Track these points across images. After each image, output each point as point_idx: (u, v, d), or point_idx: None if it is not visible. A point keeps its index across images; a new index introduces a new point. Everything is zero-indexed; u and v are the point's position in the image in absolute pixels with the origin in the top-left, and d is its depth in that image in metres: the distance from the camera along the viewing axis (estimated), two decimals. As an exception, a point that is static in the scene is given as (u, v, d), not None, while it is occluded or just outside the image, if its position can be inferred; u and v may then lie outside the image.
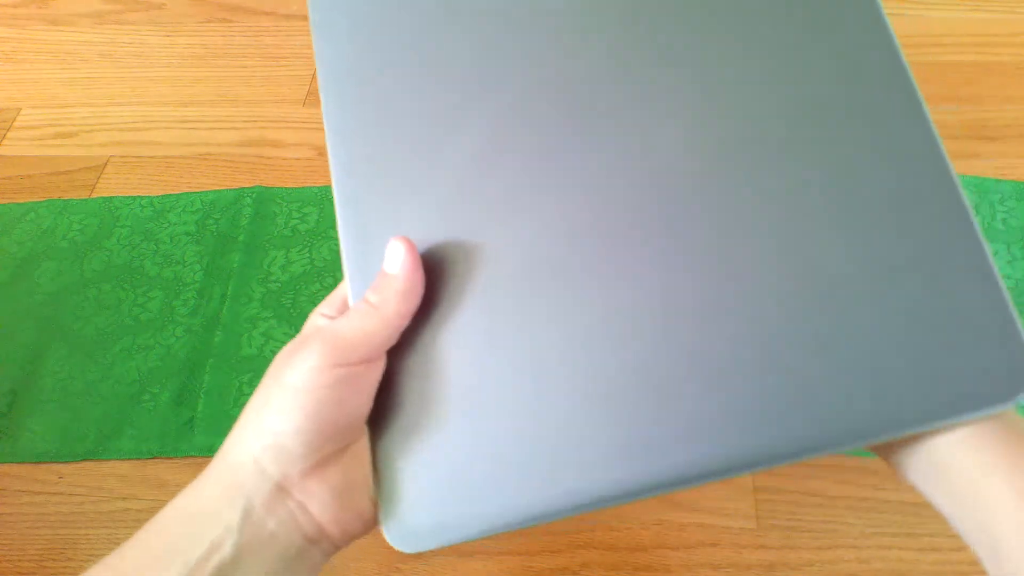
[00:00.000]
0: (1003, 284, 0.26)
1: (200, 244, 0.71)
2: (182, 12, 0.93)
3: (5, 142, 0.82)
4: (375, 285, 0.25)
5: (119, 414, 0.61)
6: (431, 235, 0.26)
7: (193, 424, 0.60)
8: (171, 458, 0.59)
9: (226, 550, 0.23)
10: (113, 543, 0.55)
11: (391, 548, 0.54)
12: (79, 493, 0.57)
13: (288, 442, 0.24)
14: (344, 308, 0.28)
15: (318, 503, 0.25)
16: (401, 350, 0.26)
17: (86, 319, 0.67)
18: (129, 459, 0.59)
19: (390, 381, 0.26)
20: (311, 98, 0.83)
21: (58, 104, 0.85)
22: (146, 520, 0.56)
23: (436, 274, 0.26)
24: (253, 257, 0.69)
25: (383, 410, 0.26)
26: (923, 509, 0.53)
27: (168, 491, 0.57)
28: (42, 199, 0.76)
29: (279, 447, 0.24)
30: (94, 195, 0.76)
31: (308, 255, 0.69)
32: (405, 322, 0.26)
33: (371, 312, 0.25)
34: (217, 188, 0.75)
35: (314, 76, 0.85)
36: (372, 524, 0.27)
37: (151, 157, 0.79)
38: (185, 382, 0.62)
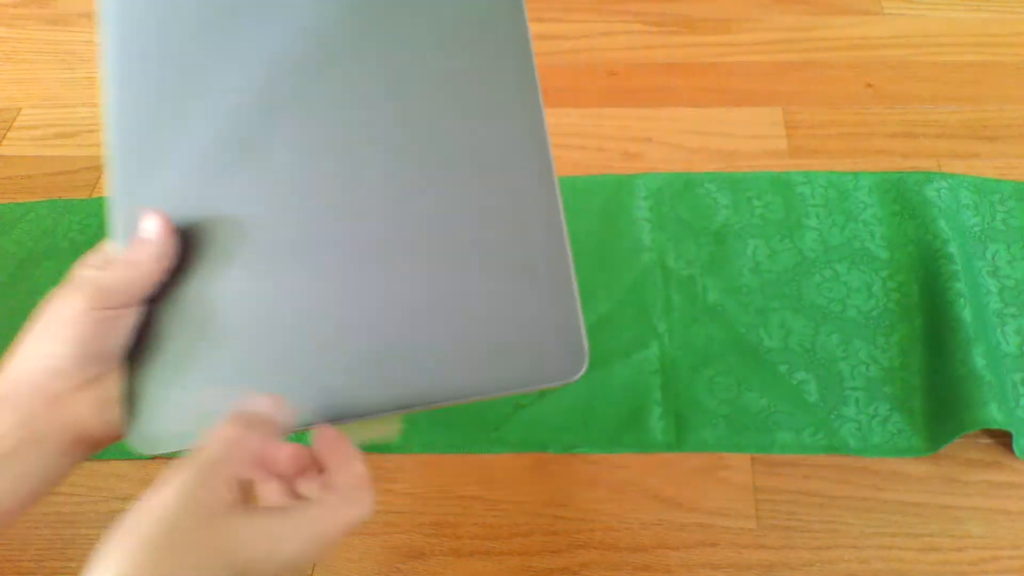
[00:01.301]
0: (575, 284, 0.31)
1: (200, 244, 0.71)
2: (182, 12, 0.93)
3: (5, 142, 0.82)
4: (133, 246, 0.32)
5: (119, 414, 0.61)
6: (187, 202, 0.33)
7: (193, 424, 0.60)
8: (170, 458, 0.59)
9: (6, 444, 0.29)
10: (113, 543, 0.55)
11: (392, 549, 0.54)
12: (79, 493, 0.57)
13: (60, 364, 0.30)
14: (108, 263, 0.33)
15: (85, 412, 0.31)
16: (159, 298, 0.32)
17: (86, 319, 0.67)
18: (129, 459, 0.59)
19: (149, 322, 0.32)
20: (311, 98, 0.83)
21: (58, 104, 0.85)
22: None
23: (189, 238, 0.32)
24: (253, 257, 0.69)
25: (140, 344, 0.32)
26: (923, 509, 0.53)
27: (168, 491, 0.57)
28: (42, 199, 0.76)
29: (54, 368, 0.30)
30: (94, 195, 0.76)
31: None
32: (159, 278, 0.31)
33: (129, 268, 0.31)
34: (217, 188, 0.75)
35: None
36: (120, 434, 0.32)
37: (151, 157, 0.79)
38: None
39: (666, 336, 0.61)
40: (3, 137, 0.82)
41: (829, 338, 0.60)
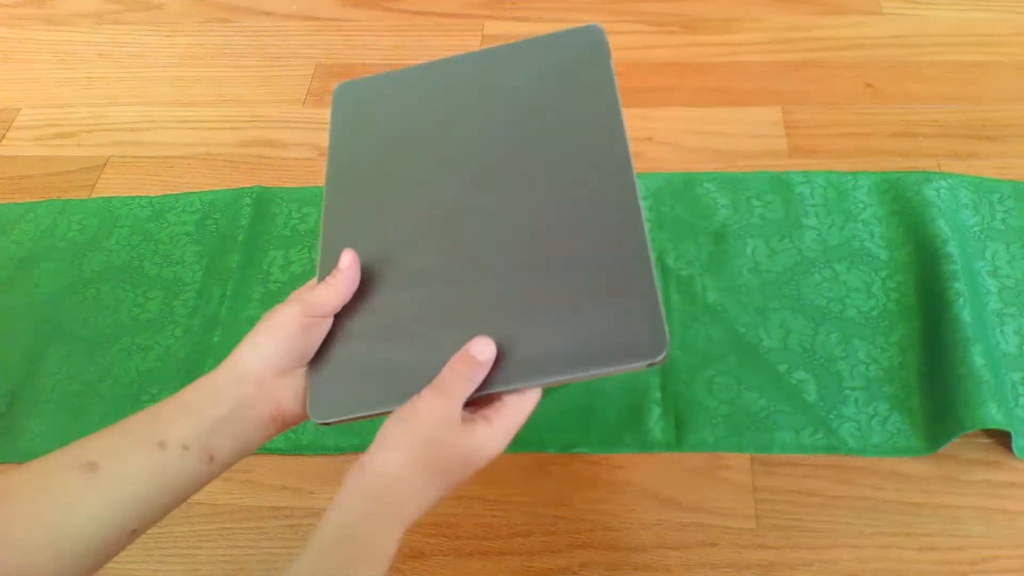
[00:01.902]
0: (656, 283, 0.37)
1: (200, 244, 0.71)
2: (182, 12, 0.93)
3: (5, 142, 0.82)
4: (332, 274, 0.41)
5: (118, 414, 0.60)
6: (369, 251, 0.43)
7: (193, 424, 0.60)
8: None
9: (224, 411, 0.38)
10: (113, 543, 0.55)
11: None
12: (79, 493, 0.57)
13: (271, 356, 0.39)
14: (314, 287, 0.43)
15: (285, 394, 0.40)
16: (342, 312, 0.42)
17: (85, 319, 0.67)
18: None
19: (333, 328, 0.42)
20: (311, 98, 0.83)
21: (58, 104, 0.85)
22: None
23: (367, 273, 0.43)
24: (253, 257, 0.69)
25: (326, 342, 0.41)
26: (922, 509, 0.53)
27: (168, 491, 0.57)
28: (42, 199, 0.76)
29: (265, 358, 0.39)
30: (93, 195, 0.76)
31: (308, 255, 0.69)
32: (347, 299, 0.41)
33: (328, 290, 0.41)
34: (217, 188, 0.75)
35: (314, 76, 0.85)
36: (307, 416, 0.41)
37: (151, 157, 0.79)
38: (184, 382, 0.61)
39: (666, 336, 0.61)
40: (3, 137, 0.82)
41: (828, 338, 0.60)
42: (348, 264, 0.41)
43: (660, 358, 0.36)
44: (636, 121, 0.76)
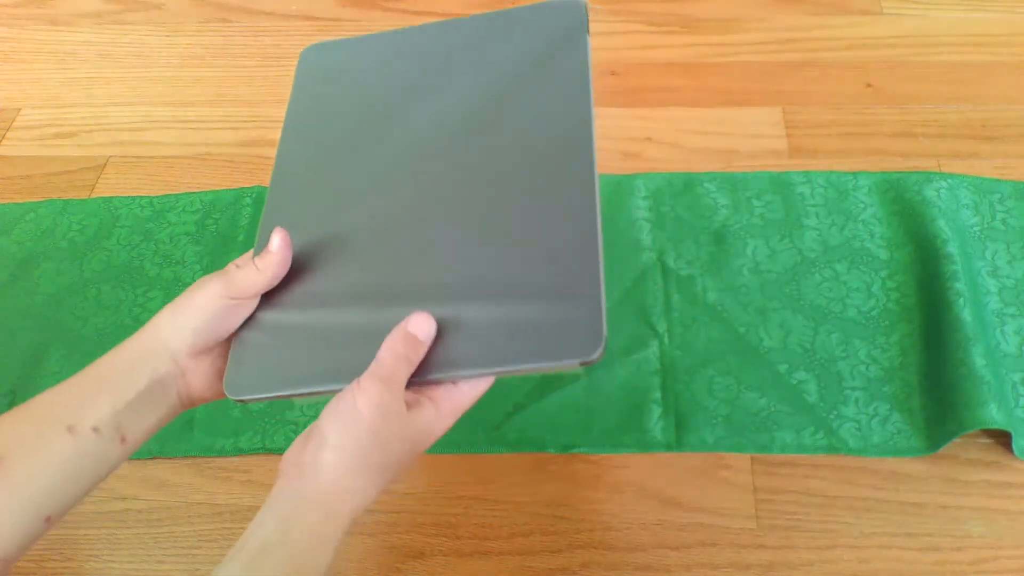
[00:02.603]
0: (601, 273, 0.37)
1: (200, 244, 0.71)
2: (182, 12, 0.93)
3: (5, 142, 0.82)
4: (261, 256, 0.39)
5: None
6: (305, 231, 0.42)
7: (193, 424, 0.60)
8: (171, 458, 0.59)
9: (137, 388, 0.37)
10: (113, 543, 0.55)
11: (392, 549, 0.54)
12: (79, 493, 0.57)
13: (187, 334, 0.38)
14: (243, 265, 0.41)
15: (193, 374, 0.39)
16: (272, 292, 0.41)
17: (86, 319, 0.67)
18: (129, 459, 0.58)
19: (262, 300, 0.40)
20: (311, 98, 0.83)
21: (58, 104, 0.85)
22: (146, 520, 0.56)
23: (306, 247, 0.42)
24: (253, 257, 0.69)
25: (253, 315, 0.40)
26: (923, 509, 0.53)
27: (168, 491, 0.57)
28: (42, 199, 0.76)
29: (181, 335, 0.38)
30: (94, 195, 0.76)
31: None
32: (274, 282, 0.40)
33: (254, 273, 0.39)
34: (217, 188, 0.75)
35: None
36: (221, 394, 0.40)
37: (151, 157, 0.79)
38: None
39: (666, 336, 0.61)
40: (3, 137, 0.82)
41: (829, 338, 0.60)
42: (277, 246, 0.39)
43: (593, 357, 0.35)
44: (636, 121, 0.76)
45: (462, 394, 0.37)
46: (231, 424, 0.59)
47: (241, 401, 0.39)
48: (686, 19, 0.86)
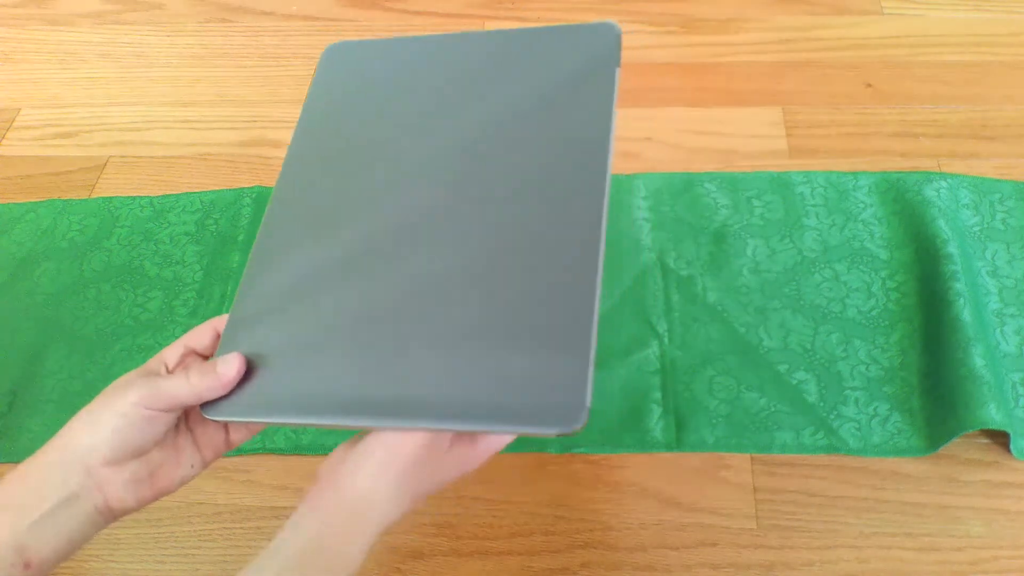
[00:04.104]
0: (593, 335, 0.34)
1: (200, 244, 0.71)
2: (182, 12, 0.93)
3: (5, 142, 0.82)
4: (203, 369, 0.37)
5: (119, 414, 0.61)
6: (302, 243, 0.42)
7: (193, 424, 0.60)
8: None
9: (47, 506, 0.34)
10: (113, 543, 0.55)
11: (392, 549, 0.54)
12: (79, 493, 0.57)
13: (101, 444, 0.35)
14: (213, 339, 0.40)
15: (117, 484, 0.36)
16: (264, 307, 0.40)
17: (86, 319, 0.67)
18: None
19: (247, 320, 0.39)
20: (311, 98, 0.83)
21: (58, 104, 0.85)
22: (146, 520, 0.56)
23: (300, 270, 0.40)
24: (253, 257, 0.69)
25: (238, 334, 0.39)
26: (923, 509, 0.53)
27: (168, 491, 0.57)
28: (42, 199, 0.76)
29: (95, 446, 0.35)
30: (94, 195, 0.76)
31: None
32: (206, 399, 0.37)
33: (185, 384, 0.36)
34: (217, 188, 0.75)
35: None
36: (149, 500, 0.38)
37: (151, 157, 0.79)
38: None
39: (666, 336, 0.61)
40: (3, 137, 0.82)
41: (829, 338, 0.60)
42: (228, 379, 0.37)
43: (574, 429, 0.32)
44: (636, 121, 0.76)
45: (500, 440, 0.37)
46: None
47: (216, 420, 0.37)
48: (686, 19, 0.86)
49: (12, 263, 0.71)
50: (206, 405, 0.37)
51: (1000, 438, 0.55)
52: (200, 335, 0.40)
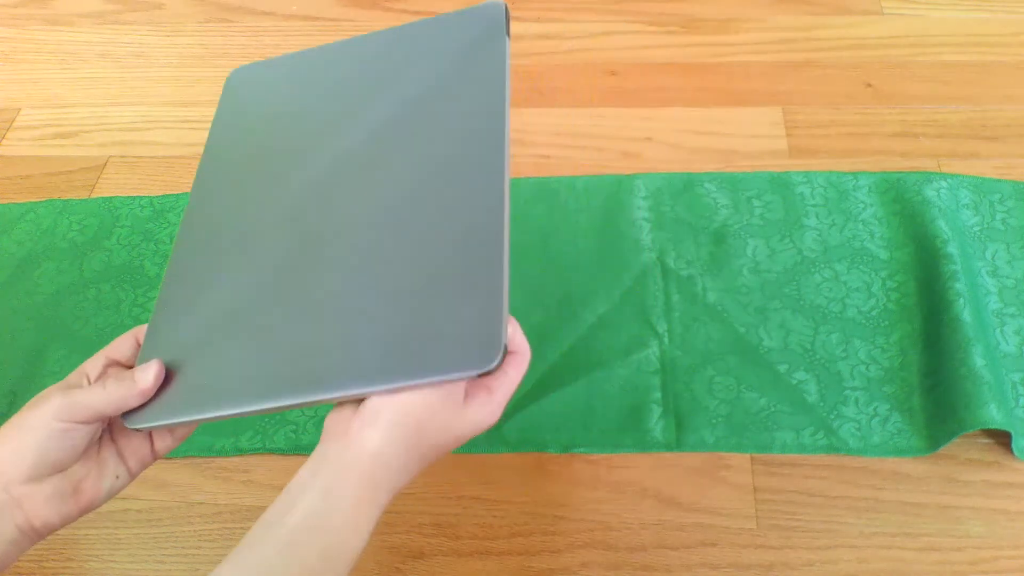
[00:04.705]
0: (505, 283, 0.35)
1: (200, 244, 0.71)
2: (182, 12, 0.93)
3: (5, 142, 0.82)
4: (120, 377, 0.37)
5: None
6: (213, 245, 0.43)
7: (193, 424, 0.60)
8: (171, 458, 0.59)
9: None
10: (113, 543, 0.55)
11: (392, 549, 0.54)
12: (79, 493, 0.57)
13: (19, 461, 0.35)
14: (134, 349, 0.40)
15: (32, 503, 0.35)
16: (172, 313, 0.41)
17: (86, 319, 0.67)
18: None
19: (159, 327, 0.41)
20: (311, 98, 0.83)
21: (58, 104, 0.85)
22: (146, 520, 0.56)
23: (207, 272, 0.42)
24: (253, 257, 0.69)
25: (150, 343, 0.40)
26: (923, 509, 0.53)
27: (168, 491, 0.57)
28: (42, 199, 0.76)
29: (13, 462, 0.34)
30: (94, 195, 0.76)
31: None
32: (122, 410, 0.37)
33: (101, 393, 0.36)
34: (217, 188, 0.75)
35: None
36: (74, 516, 0.37)
37: (151, 157, 0.79)
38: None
39: (666, 336, 0.61)
40: (3, 137, 0.82)
41: (829, 338, 0.60)
42: (147, 386, 0.37)
43: (491, 367, 0.33)
44: (636, 121, 0.76)
45: (511, 381, 0.36)
46: (231, 424, 0.59)
47: (137, 429, 0.38)
48: (686, 19, 0.86)
49: (12, 263, 0.71)
50: (127, 414, 0.37)
51: (1000, 438, 0.55)
52: (121, 346, 0.40)
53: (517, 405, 0.59)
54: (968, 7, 0.83)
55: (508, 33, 0.43)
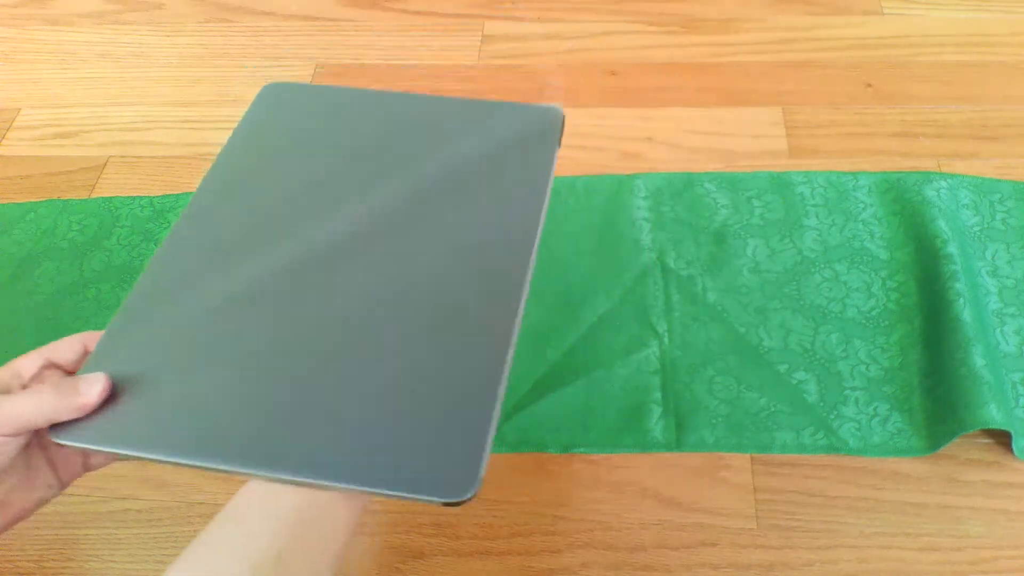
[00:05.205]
0: (497, 408, 0.33)
1: (200, 244, 0.71)
2: (182, 12, 0.93)
3: (5, 142, 0.82)
4: (60, 387, 0.33)
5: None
6: (200, 276, 0.39)
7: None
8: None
9: None
10: (113, 543, 0.55)
11: (392, 549, 0.54)
12: (79, 493, 0.57)
13: None
14: (79, 355, 0.37)
15: None
16: (142, 332, 0.38)
17: (86, 319, 0.67)
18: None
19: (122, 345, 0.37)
20: (311, 98, 0.83)
21: (58, 104, 0.85)
22: (146, 520, 0.56)
23: (185, 301, 0.38)
24: (253, 257, 0.69)
25: (107, 357, 0.37)
26: (923, 509, 0.53)
27: (168, 491, 0.57)
28: (42, 199, 0.76)
29: None
30: (94, 195, 0.76)
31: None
32: (54, 421, 0.33)
33: (37, 407, 0.32)
34: (217, 188, 0.75)
35: (313, 76, 0.85)
36: (2, 529, 0.34)
37: (151, 157, 0.79)
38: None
39: (666, 336, 0.61)
40: (3, 137, 0.82)
41: (829, 338, 0.60)
42: (85, 390, 0.33)
43: (464, 499, 0.31)
44: (636, 121, 0.77)
45: None
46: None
47: (60, 445, 0.34)
48: (686, 19, 0.86)
49: (12, 263, 0.71)
50: (56, 426, 0.34)
51: (1000, 438, 0.55)
52: (64, 348, 0.37)
53: (517, 405, 0.59)
54: (968, 7, 0.83)
55: (560, 142, 0.42)
